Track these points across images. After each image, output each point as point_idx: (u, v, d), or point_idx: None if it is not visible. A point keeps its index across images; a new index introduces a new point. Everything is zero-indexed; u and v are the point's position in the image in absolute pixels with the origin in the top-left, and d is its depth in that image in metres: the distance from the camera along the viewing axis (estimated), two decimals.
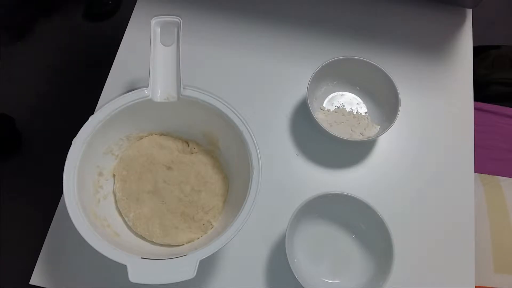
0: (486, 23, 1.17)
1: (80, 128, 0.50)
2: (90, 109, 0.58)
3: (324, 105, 0.66)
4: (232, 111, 0.53)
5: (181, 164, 0.57)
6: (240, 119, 0.52)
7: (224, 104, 0.53)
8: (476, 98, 0.69)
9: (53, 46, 1.46)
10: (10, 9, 1.45)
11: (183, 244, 0.53)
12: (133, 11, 0.71)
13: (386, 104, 0.64)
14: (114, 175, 0.57)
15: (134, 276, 0.43)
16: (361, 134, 0.63)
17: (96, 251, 0.44)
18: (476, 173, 0.80)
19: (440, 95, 0.68)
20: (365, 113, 0.65)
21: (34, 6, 1.51)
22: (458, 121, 0.67)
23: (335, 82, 0.66)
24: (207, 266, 0.56)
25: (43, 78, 1.42)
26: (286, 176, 0.62)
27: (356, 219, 0.57)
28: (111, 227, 0.52)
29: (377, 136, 0.61)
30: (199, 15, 0.72)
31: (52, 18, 1.50)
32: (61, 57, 1.45)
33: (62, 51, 1.46)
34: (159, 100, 0.53)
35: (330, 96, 0.66)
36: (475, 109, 0.68)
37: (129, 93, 0.53)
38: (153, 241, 0.53)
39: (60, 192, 0.48)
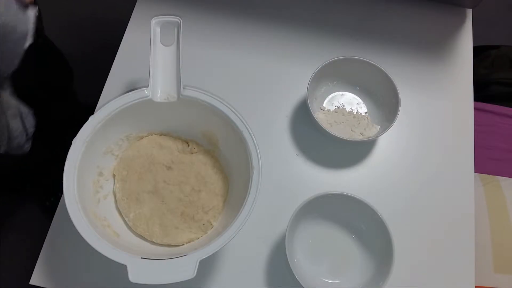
0: (486, 23, 1.17)
1: (80, 128, 0.50)
2: (90, 109, 0.58)
3: (324, 105, 0.66)
4: (232, 111, 0.53)
5: (181, 164, 0.57)
6: (240, 119, 0.52)
7: (224, 104, 0.53)
8: (476, 98, 0.69)
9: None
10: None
11: (183, 244, 0.53)
12: (133, 11, 0.71)
13: (386, 104, 0.63)
14: (114, 175, 0.57)
15: (134, 276, 0.43)
16: (361, 134, 0.63)
17: (96, 251, 0.44)
18: (476, 173, 0.80)
19: (440, 95, 0.68)
20: (365, 113, 0.65)
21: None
22: (458, 121, 0.66)
23: (335, 82, 0.66)
24: (207, 266, 0.56)
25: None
26: (286, 176, 0.62)
27: (356, 219, 0.57)
28: (111, 227, 0.52)
29: (377, 136, 0.61)
30: (199, 15, 0.72)
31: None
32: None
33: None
34: (159, 100, 0.53)
35: (330, 96, 0.66)
36: (475, 109, 0.68)
37: (129, 93, 0.53)
38: (153, 241, 0.53)
39: (60, 192, 0.48)
